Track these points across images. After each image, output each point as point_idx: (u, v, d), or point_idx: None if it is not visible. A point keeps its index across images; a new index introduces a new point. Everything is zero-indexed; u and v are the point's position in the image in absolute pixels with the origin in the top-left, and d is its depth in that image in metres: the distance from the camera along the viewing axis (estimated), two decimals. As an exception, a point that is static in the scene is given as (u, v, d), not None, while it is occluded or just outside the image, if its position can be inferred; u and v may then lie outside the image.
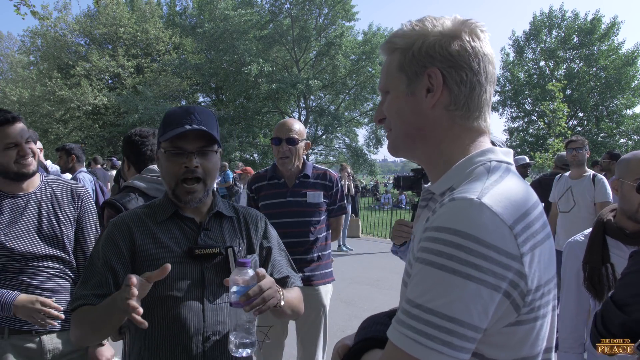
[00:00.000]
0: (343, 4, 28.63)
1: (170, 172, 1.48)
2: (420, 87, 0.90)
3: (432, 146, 0.93)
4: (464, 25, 0.90)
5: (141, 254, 1.45)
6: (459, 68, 0.88)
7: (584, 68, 29.63)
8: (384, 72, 0.97)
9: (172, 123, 1.47)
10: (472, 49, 0.88)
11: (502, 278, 0.74)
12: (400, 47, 0.93)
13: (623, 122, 29.05)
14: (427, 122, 0.91)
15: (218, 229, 1.56)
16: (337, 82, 29.58)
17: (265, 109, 30.48)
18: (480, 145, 0.92)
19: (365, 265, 8.44)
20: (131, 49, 27.78)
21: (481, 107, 0.91)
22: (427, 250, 0.77)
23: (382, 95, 1.00)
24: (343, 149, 33.25)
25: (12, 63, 31.68)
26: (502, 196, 0.79)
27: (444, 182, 0.90)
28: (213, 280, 1.46)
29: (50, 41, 27.28)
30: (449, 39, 0.88)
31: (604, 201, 4.27)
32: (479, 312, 0.73)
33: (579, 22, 30.14)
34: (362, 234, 12.27)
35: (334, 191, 2.91)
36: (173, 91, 28.18)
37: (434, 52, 0.88)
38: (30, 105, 25.63)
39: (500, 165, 0.88)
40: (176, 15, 32.29)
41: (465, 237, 0.73)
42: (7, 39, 35.04)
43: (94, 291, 1.37)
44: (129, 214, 1.55)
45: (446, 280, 0.73)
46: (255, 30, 27.68)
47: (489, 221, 0.75)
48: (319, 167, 2.97)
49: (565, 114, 15.69)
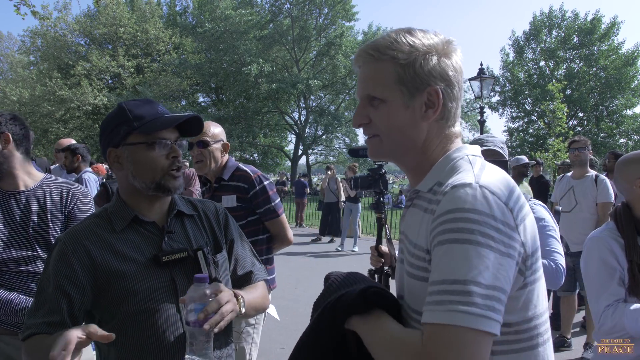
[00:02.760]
0: (343, 4, 28.66)
1: (155, 165, 1.36)
2: (420, 102, 0.98)
3: (422, 154, 1.03)
4: (450, 45, 1.01)
5: (104, 272, 1.30)
6: (452, 86, 1.00)
7: (584, 68, 29.62)
8: (374, 79, 1.01)
9: (145, 115, 1.37)
10: (459, 68, 1.01)
11: (511, 247, 0.85)
12: (399, 61, 0.98)
13: (623, 122, 29.05)
14: (421, 135, 1.01)
15: (181, 230, 1.45)
16: (337, 82, 29.62)
17: (265, 109, 30.50)
18: (456, 145, 1.04)
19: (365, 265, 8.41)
20: (131, 49, 27.80)
21: (458, 114, 1.05)
22: (448, 231, 0.84)
23: (365, 100, 1.03)
24: (343, 149, 33.26)
25: (12, 63, 31.69)
26: (493, 180, 0.91)
27: (430, 180, 1.00)
28: (185, 285, 1.33)
29: (50, 41, 27.31)
30: (445, 59, 0.99)
31: (606, 201, 4.26)
32: (504, 277, 0.82)
33: (579, 22, 30.13)
34: (362, 234, 12.27)
35: (251, 194, 2.60)
36: (173, 91, 28.19)
37: (436, 73, 0.98)
38: (30, 105, 25.65)
39: (476, 158, 1.00)
40: (176, 15, 32.34)
41: (477, 213, 0.83)
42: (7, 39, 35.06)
43: (45, 319, 1.25)
44: (79, 228, 1.37)
45: (474, 252, 0.81)
46: (256, 30, 27.71)
47: (491, 199, 0.86)
48: (242, 167, 2.69)
49: (565, 114, 15.69)
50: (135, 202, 1.41)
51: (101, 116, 26.56)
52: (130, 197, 1.42)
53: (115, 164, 1.41)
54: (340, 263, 8.71)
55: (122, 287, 1.30)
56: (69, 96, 24.69)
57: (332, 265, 8.48)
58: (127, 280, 1.30)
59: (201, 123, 1.46)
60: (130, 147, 1.37)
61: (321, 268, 8.18)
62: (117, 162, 1.40)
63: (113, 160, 1.40)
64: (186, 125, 1.44)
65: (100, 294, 1.31)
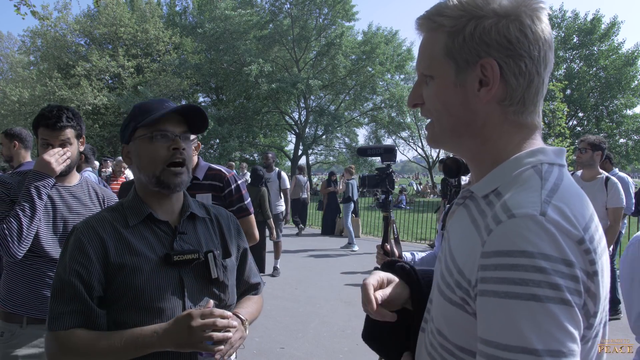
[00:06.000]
0: (343, 4, 28.63)
1: (155, 157, 1.38)
2: (472, 78, 0.80)
3: (479, 143, 0.84)
4: (524, 5, 0.78)
5: (115, 264, 1.32)
6: (517, 57, 0.77)
7: (584, 68, 29.61)
8: (426, 53, 0.86)
9: (151, 110, 1.40)
10: (533, 34, 0.77)
11: (581, 295, 0.68)
12: (447, 27, 0.81)
13: (623, 122, 29.03)
14: (477, 118, 0.82)
15: (193, 232, 1.48)
16: (337, 82, 29.58)
17: (265, 109, 30.48)
18: (532, 144, 0.83)
19: (365, 265, 8.43)
20: (131, 49, 27.78)
21: (537, 101, 0.82)
22: (506, 281, 0.67)
23: (420, 77, 0.89)
24: (343, 149, 33.25)
25: (12, 63, 31.68)
26: (567, 209, 0.71)
27: (488, 183, 0.82)
28: (192, 285, 1.39)
29: (50, 41, 27.28)
30: (507, 22, 0.77)
31: (616, 207, 4.12)
32: (577, 335, 0.67)
33: (579, 22, 30.12)
34: (362, 234, 12.27)
35: (226, 192, 2.69)
36: (173, 91, 28.15)
37: (489, 39, 0.77)
38: (30, 105, 25.63)
39: (552, 169, 0.79)
40: (176, 15, 32.31)
41: (544, 259, 0.66)
42: (7, 39, 35.06)
43: (70, 307, 1.26)
44: (96, 219, 1.39)
45: (542, 311, 0.65)
46: (256, 30, 27.69)
47: (561, 238, 0.68)
48: (215, 167, 2.77)
49: (564, 114, 15.68)
50: (148, 199, 1.44)
51: (101, 116, 26.55)
52: (143, 194, 1.45)
53: (127, 160, 1.46)
54: (340, 263, 8.71)
55: (130, 281, 1.31)
56: (69, 96, 24.66)
57: (332, 265, 8.48)
58: (136, 275, 1.31)
59: (204, 115, 1.47)
60: (136, 142, 1.41)
61: (321, 268, 8.17)
62: (128, 158, 1.45)
63: (126, 156, 1.46)
64: (194, 122, 1.46)
65: (109, 285, 1.33)
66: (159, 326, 1.28)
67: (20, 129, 3.67)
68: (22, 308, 2.00)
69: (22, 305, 2.01)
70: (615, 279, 5.59)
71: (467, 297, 0.76)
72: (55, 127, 2.07)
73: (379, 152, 2.14)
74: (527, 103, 0.81)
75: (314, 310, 5.75)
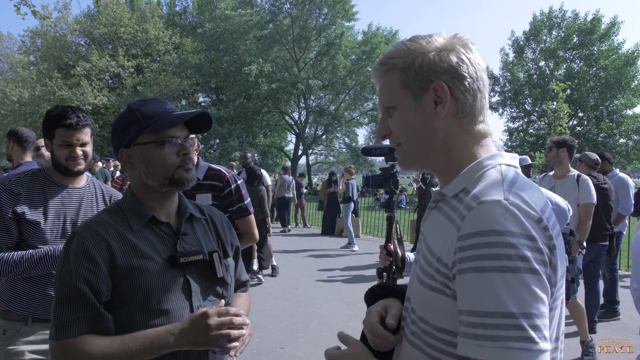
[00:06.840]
0: (343, 4, 28.65)
1: (166, 163, 1.38)
2: (428, 100, 0.96)
3: (444, 155, 0.99)
4: (456, 39, 0.98)
5: (122, 268, 1.30)
6: (461, 77, 0.95)
7: (584, 68, 29.62)
8: (386, 90, 1.02)
9: (154, 114, 1.39)
10: (468, 59, 0.96)
11: (547, 265, 0.81)
12: (399, 66, 0.98)
13: (623, 122, 29.04)
14: (438, 132, 0.97)
15: (192, 233, 1.49)
16: (337, 82, 29.61)
17: (265, 109, 30.50)
18: (488, 149, 0.99)
19: (366, 265, 8.43)
20: (131, 49, 27.80)
21: (484, 112, 0.99)
22: (482, 257, 0.79)
23: (384, 112, 1.04)
24: (343, 149, 33.26)
25: (12, 63, 31.69)
26: (525, 196, 0.85)
27: (457, 184, 0.96)
28: (198, 285, 1.41)
29: (50, 41, 27.30)
30: (447, 52, 0.95)
31: (587, 202, 4.25)
32: (546, 299, 0.79)
33: (579, 22, 30.13)
34: (362, 234, 12.27)
35: (226, 192, 2.70)
36: (173, 91, 28.18)
37: (436, 67, 0.95)
38: (30, 105, 25.65)
39: (509, 169, 0.94)
40: (176, 15, 32.32)
41: (512, 235, 0.78)
42: (7, 39, 35.08)
43: (77, 314, 1.24)
44: (97, 222, 1.36)
45: (516, 280, 0.76)
46: (256, 30, 27.71)
47: (524, 218, 0.81)
48: (215, 167, 2.77)
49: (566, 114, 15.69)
50: (149, 201, 1.44)
51: (101, 116, 26.57)
52: (144, 196, 1.44)
53: (127, 164, 1.43)
54: (340, 263, 8.70)
55: (138, 284, 1.31)
56: (69, 96, 24.68)
57: (332, 265, 8.48)
58: (143, 278, 1.31)
59: (209, 119, 1.47)
60: (140, 147, 1.39)
61: (321, 268, 8.17)
62: (129, 162, 1.42)
63: (125, 160, 1.43)
64: (195, 123, 1.46)
65: (115, 289, 1.32)
66: (174, 326, 1.28)
67: (22, 130, 3.66)
68: (28, 309, 2.00)
69: (27, 307, 2.00)
70: (616, 280, 5.59)
71: (447, 280, 0.87)
72: (78, 126, 2.05)
73: (383, 152, 2.15)
74: (476, 114, 0.97)
75: (314, 310, 5.75)
